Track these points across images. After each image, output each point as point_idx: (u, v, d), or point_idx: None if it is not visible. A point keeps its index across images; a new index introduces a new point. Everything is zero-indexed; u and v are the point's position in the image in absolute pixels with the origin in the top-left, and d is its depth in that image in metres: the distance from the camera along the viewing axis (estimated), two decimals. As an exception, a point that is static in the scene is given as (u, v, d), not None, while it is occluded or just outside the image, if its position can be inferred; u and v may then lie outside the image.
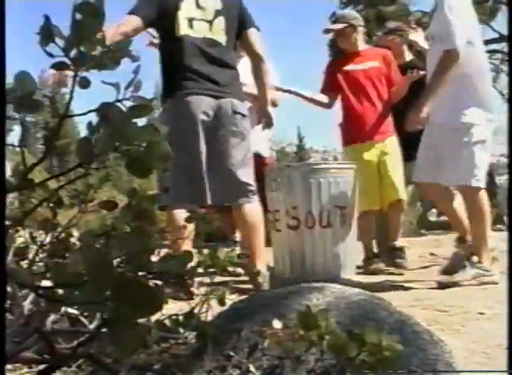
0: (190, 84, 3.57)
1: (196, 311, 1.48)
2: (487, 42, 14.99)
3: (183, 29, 3.62)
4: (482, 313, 2.75)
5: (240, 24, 3.78)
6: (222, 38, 3.72)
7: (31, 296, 1.10)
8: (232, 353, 1.31)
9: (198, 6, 3.68)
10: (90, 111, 0.79)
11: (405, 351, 1.23)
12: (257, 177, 3.93)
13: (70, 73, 3.26)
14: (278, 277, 3.97)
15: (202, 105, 3.56)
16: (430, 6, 4.02)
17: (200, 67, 3.61)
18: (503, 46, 14.12)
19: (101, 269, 0.55)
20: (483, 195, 3.67)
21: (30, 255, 1.28)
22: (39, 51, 0.74)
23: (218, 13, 3.71)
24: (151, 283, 1.04)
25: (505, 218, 10.16)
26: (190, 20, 3.64)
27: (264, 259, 3.75)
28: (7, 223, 1.26)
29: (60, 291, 0.77)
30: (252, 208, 3.69)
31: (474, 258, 3.68)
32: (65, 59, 0.72)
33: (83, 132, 0.85)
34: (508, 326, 1.72)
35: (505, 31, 12.45)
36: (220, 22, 3.71)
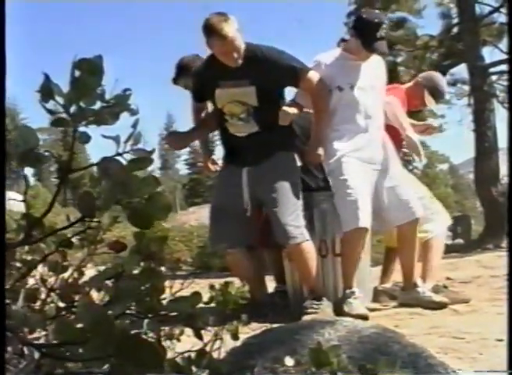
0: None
1: (209, 346, 1.46)
2: (495, 64, 15.02)
3: None
4: (500, 340, 2.70)
5: None
6: None
7: (42, 339, 1.10)
8: (245, 391, 1.30)
9: None
10: (91, 165, 0.80)
11: (419, 385, 1.22)
12: None
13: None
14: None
15: None
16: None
17: None
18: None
19: (103, 327, 0.55)
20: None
21: (42, 295, 1.28)
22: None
23: None
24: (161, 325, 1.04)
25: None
26: None
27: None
28: (19, 265, 1.27)
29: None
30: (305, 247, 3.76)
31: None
32: (65, 115, 0.74)
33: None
34: (508, 326, 1.68)
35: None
36: None
